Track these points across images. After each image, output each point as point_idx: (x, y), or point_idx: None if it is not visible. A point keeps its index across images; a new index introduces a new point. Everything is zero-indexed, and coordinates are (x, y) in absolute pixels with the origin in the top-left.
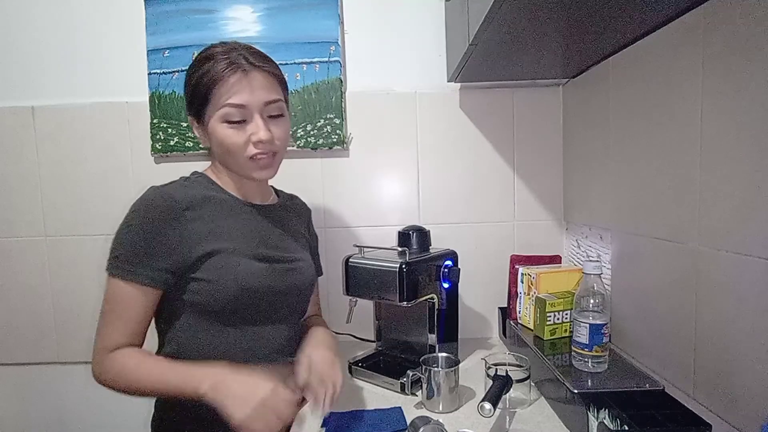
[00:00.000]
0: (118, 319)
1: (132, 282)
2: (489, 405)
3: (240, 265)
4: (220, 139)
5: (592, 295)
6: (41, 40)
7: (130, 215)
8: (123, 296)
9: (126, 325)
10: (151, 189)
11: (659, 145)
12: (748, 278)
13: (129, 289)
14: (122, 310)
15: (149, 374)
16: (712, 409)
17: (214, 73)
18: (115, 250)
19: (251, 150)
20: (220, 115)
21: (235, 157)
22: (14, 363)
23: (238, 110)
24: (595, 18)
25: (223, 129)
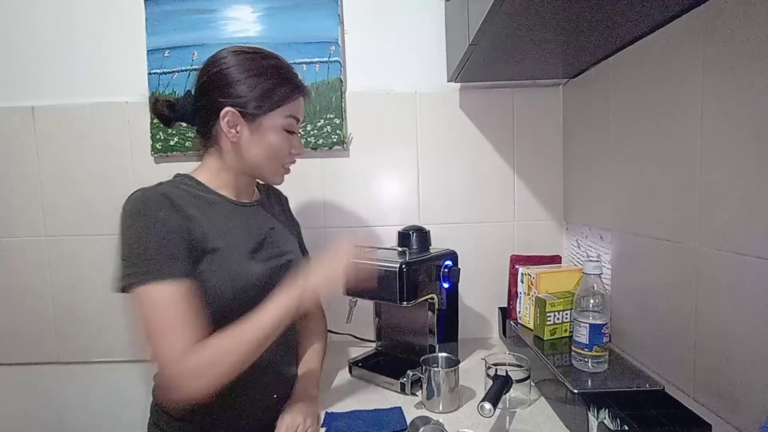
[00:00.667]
0: (179, 318)
1: (171, 280)
2: (489, 405)
3: (236, 264)
4: (275, 142)
5: (592, 295)
6: (41, 40)
7: (132, 220)
8: (169, 298)
9: (189, 320)
10: (138, 191)
11: (659, 145)
12: (748, 278)
13: (173, 287)
14: (177, 311)
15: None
16: (712, 409)
17: (293, 87)
18: (137, 257)
19: (289, 159)
20: (283, 123)
21: (274, 162)
22: (14, 363)
23: (297, 124)
24: (595, 18)
25: (282, 136)
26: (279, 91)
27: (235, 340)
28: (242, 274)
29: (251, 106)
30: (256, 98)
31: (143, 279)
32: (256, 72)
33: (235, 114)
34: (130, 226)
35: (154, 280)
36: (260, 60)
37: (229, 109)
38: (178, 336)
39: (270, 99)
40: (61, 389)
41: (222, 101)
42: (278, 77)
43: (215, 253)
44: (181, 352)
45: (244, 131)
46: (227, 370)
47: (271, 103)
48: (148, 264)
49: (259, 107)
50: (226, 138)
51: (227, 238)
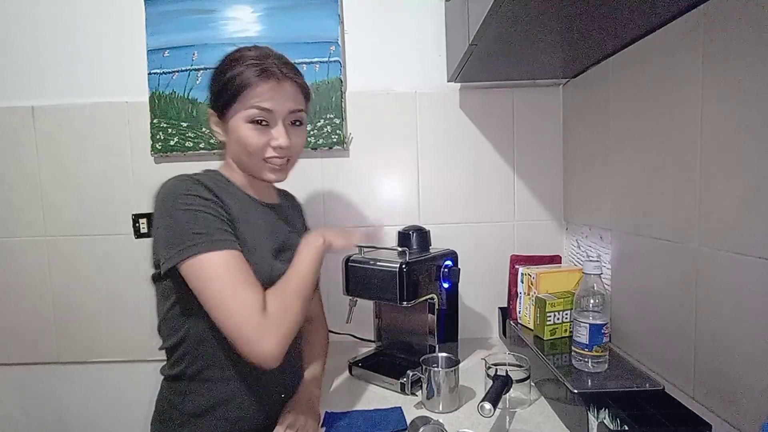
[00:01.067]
0: (247, 281)
1: (230, 249)
2: (489, 405)
3: (262, 260)
4: (242, 137)
5: (592, 295)
6: (41, 40)
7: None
8: (231, 263)
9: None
10: (173, 178)
11: (659, 145)
12: (748, 278)
13: (230, 256)
14: (243, 272)
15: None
16: (712, 409)
17: (247, 76)
18: (190, 230)
19: (269, 153)
20: (246, 115)
21: (252, 158)
22: (14, 363)
23: (264, 114)
24: (594, 18)
25: (246, 128)
26: (236, 80)
27: (294, 283)
28: (266, 271)
29: (218, 103)
30: (219, 94)
31: (202, 248)
32: (222, 67)
33: (212, 113)
34: (175, 204)
35: (214, 249)
36: (234, 54)
37: (209, 111)
38: (253, 293)
39: (226, 94)
40: (61, 389)
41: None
42: (233, 71)
43: (244, 246)
44: (261, 304)
45: (222, 129)
46: (300, 311)
47: (229, 96)
48: (206, 234)
49: (222, 103)
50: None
51: (254, 233)
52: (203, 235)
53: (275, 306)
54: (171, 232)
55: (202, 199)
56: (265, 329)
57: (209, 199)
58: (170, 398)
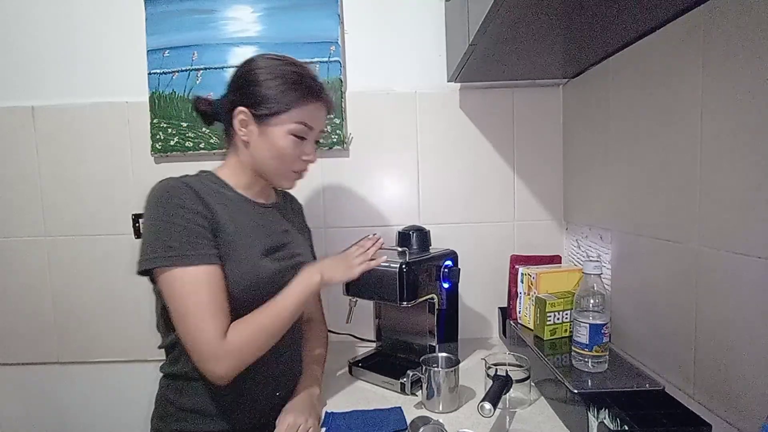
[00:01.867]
0: (212, 303)
1: (203, 264)
2: (489, 405)
3: (249, 261)
4: (281, 146)
5: (592, 295)
6: (41, 40)
7: (157, 208)
8: (201, 281)
9: (221, 305)
10: (162, 181)
11: (659, 145)
12: (748, 278)
13: (202, 272)
14: (210, 293)
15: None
16: (712, 409)
17: (308, 91)
18: (165, 242)
19: (299, 165)
20: (290, 128)
21: (281, 166)
22: (14, 363)
23: (307, 131)
24: (595, 18)
25: (287, 139)
26: (290, 94)
27: (267, 318)
28: (253, 271)
29: (262, 107)
30: (267, 100)
31: (175, 262)
32: (274, 75)
33: (246, 114)
34: (157, 212)
35: (187, 263)
36: (283, 65)
37: (242, 109)
38: (216, 316)
39: (279, 102)
40: (61, 389)
41: (237, 101)
42: (293, 82)
43: (230, 248)
44: (222, 331)
45: (253, 132)
46: (263, 345)
47: (280, 106)
48: (179, 248)
49: (268, 109)
50: (238, 137)
51: (243, 235)
52: (176, 249)
53: (237, 337)
54: (148, 239)
55: (183, 208)
56: (220, 356)
57: (190, 209)
58: (168, 395)
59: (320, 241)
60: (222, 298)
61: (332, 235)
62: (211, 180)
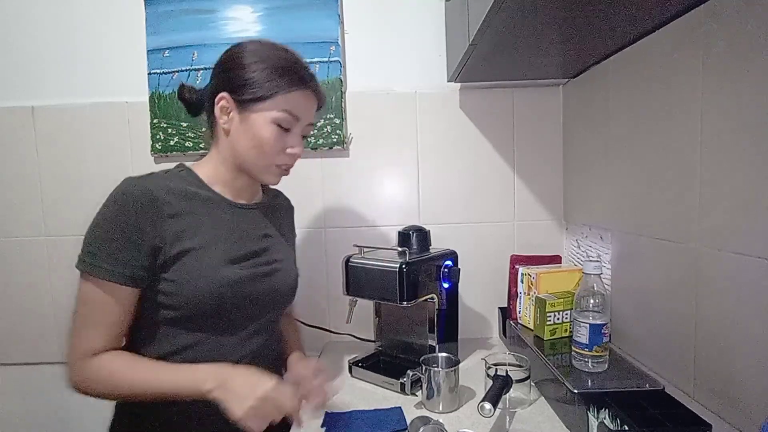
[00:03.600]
0: (98, 321)
1: (110, 281)
2: (489, 405)
3: (214, 266)
4: (263, 136)
5: (592, 295)
6: (41, 40)
7: (105, 209)
8: (101, 296)
9: (107, 327)
10: (127, 180)
11: (659, 145)
12: (748, 278)
13: (107, 289)
14: (101, 311)
15: (143, 375)
16: (712, 409)
17: (296, 78)
18: (89, 245)
19: (282, 159)
20: (273, 116)
21: (262, 158)
22: (14, 363)
23: (292, 121)
24: (594, 18)
25: (270, 128)
26: (276, 80)
27: (126, 372)
28: (215, 277)
29: (244, 92)
30: (250, 84)
31: (91, 271)
32: (260, 59)
33: (228, 100)
34: (102, 215)
35: (99, 276)
36: (271, 50)
37: (224, 95)
38: (91, 338)
39: (263, 86)
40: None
41: (219, 86)
42: (280, 67)
43: (189, 254)
44: (85, 354)
45: (235, 119)
46: (107, 392)
47: (263, 91)
48: (100, 259)
49: (250, 94)
50: (219, 125)
51: (207, 238)
52: (101, 256)
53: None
54: (86, 236)
55: (126, 214)
56: (81, 376)
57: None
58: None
59: (320, 241)
60: (117, 324)
61: (332, 235)
62: (185, 178)
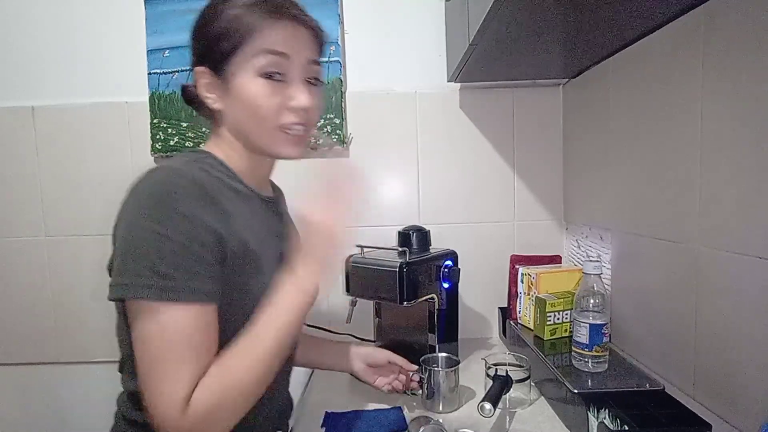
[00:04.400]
0: (192, 355)
1: (194, 303)
2: (489, 405)
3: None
4: (251, 96)
5: (592, 295)
6: (41, 40)
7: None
8: (189, 325)
9: (202, 358)
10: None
11: (659, 145)
12: (748, 278)
13: (194, 313)
14: (194, 342)
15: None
16: (712, 409)
17: (254, 16)
18: (154, 264)
19: (286, 117)
20: (255, 66)
21: (263, 124)
22: (14, 363)
23: (280, 61)
24: (594, 18)
25: (256, 85)
26: (239, 23)
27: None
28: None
29: (211, 56)
30: (211, 42)
31: (161, 295)
32: (209, 14)
33: (206, 73)
34: (148, 219)
35: (174, 299)
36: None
37: (200, 69)
38: (183, 380)
39: (226, 39)
40: (61, 389)
41: (194, 59)
42: (231, 10)
43: (256, 261)
44: (183, 402)
45: (220, 90)
46: (241, 403)
47: (228, 45)
48: (170, 276)
49: (218, 55)
50: (210, 106)
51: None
52: (166, 277)
53: (207, 399)
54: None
55: (187, 215)
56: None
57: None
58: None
59: None
60: (204, 348)
61: None
62: (213, 166)
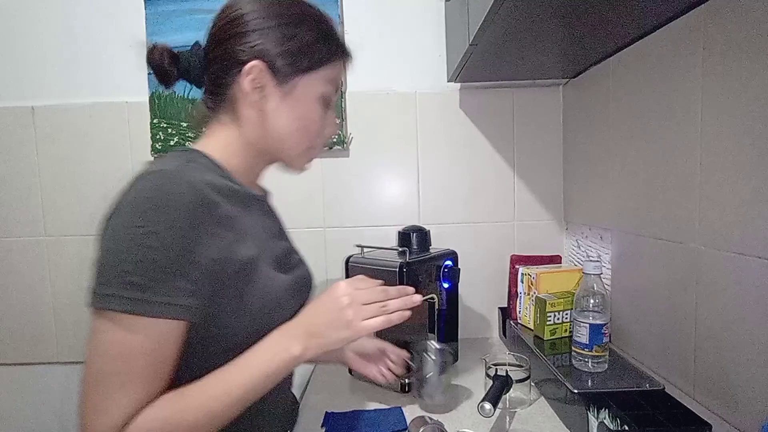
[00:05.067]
0: (142, 380)
1: (169, 318)
2: (489, 405)
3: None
4: (307, 114)
5: (592, 295)
6: (41, 40)
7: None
8: (150, 342)
9: (155, 382)
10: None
11: (659, 145)
12: (748, 278)
13: (160, 329)
14: (148, 362)
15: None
16: (712, 409)
17: (342, 46)
18: (128, 274)
19: (321, 140)
20: (321, 90)
21: (306, 140)
22: (14, 363)
23: (335, 95)
24: (595, 18)
25: (316, 106)
26: (321, 47)
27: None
28: (273, 293)
29: (285, 61)
30: (292, 53)
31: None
32: (293, 20)
33: (262, 70)
34: (135, 225)
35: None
36: (296, 6)
37: (256, 63)
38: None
39: (309, 56)
40: (61, 389)
41: (245, 51)
42: (320, 30)
43: (251, 266)
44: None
45: (271, 94)
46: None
47: (310, 62)
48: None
49: (294, 64)
50: (246, 101)
51: (255, 244)
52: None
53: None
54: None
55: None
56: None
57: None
58: None
59: (320, 241)
60: (158, 373)
61: (332, 235)
62: (209, 168)
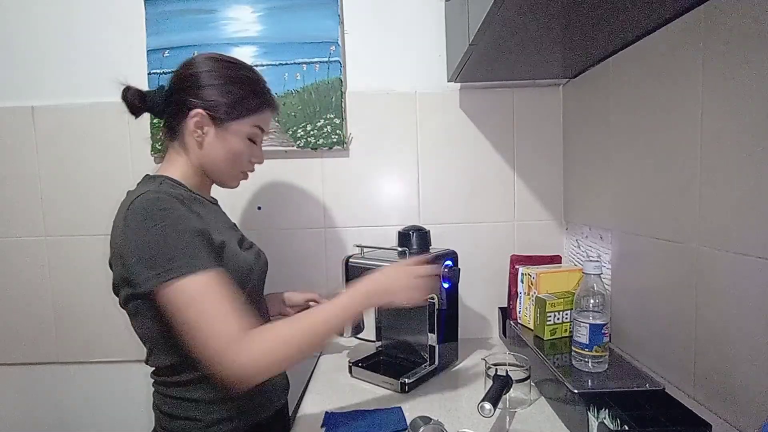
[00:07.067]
0: (225, 307)
1: (207, 270)
2: (489, 405)
3: (238, 256)
4: (237, 149)
5: (592, 295)
6: (41, 40)
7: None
8: (211, 286)
9: (236, 309)
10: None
11: (659, 145)
12: (748, 278)
13: (210, 278)
14: (222, 298)
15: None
16: (712, 409)
17: (267, 101)
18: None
19: (248, 167)
20: (250, 132)
21: (233, 168)
22: (14, 363)
23: (261, 135)
24: (595, 18)
25: (244, 143)
26: (250, 101)
27: (298, 329)
28: (244, 265)
29: (221, 110)
30: (228, 104)
31: (178, 274)
32: (231, 80)
33: (204, 116)
34: (149, 227)
35: (191, 272)
36: (236, 69)
37: (199, 111)
38: (230, 320)
39: (240, 107)
40: (61, 389)
41: (193, 101)
42: (251, 89)
43: (224, 248)
44: (238, 334)
45: (210, 133)
46: (285, 358)
47: (240, 111)
48: (180, 259)
49: (228, 113)
50: (191, 137)
51: (224, 232)
52: (182, 258)
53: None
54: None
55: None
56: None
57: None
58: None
59: (320, 241)
60: (233, 301)
61: (332, 235)
62: (174, 186)
